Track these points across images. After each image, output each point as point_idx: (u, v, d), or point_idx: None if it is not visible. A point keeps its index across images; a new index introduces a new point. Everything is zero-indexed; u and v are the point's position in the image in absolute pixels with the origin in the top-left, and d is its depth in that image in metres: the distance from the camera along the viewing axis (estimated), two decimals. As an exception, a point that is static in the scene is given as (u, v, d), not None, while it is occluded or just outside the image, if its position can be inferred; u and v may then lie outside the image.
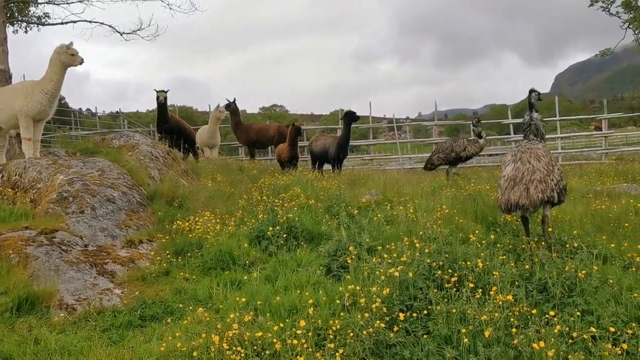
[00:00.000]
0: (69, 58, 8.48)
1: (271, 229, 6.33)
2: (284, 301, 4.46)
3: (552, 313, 3.71)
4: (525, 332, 3.52)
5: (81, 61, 8.58)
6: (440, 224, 6.13)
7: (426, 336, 3.73)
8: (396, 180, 10.60)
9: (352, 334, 3.65)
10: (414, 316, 3.95)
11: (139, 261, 6.19)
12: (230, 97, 16.68)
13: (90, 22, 15.16)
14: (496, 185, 5.80)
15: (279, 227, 6.37)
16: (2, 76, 12.28)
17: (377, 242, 5.58)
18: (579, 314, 3.76)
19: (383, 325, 3.73)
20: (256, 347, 3.67)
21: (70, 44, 8.46)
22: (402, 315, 3.86)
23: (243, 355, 3.55)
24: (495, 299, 3.84)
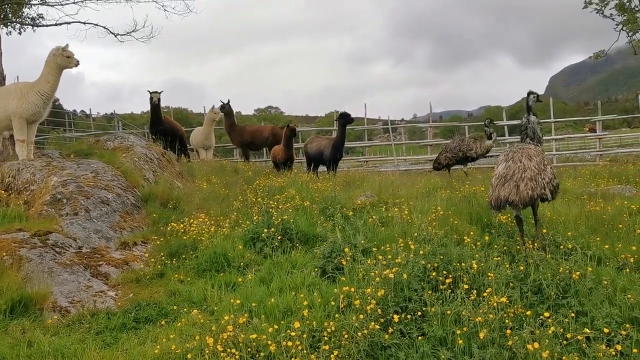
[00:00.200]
0: (65, 60, 8.48)
1: (266, 230, 6.32)
2: (279, 303, 4.45)
3: (547, 314, 3.71)
4: (520, 333, 3.52)
5: (77, 63, 8.59)
6: (435, 225, 6.14)
7: (421, 338, 3.72)
8: (391, 182, 10.60)
9: (346, 336, 3.65)
10: (408, 318, 3.95)
11: (133, 263, 6.17)
12: (225, 99, 16.67)
13: (85, 23, 15.10)
14: (490, 187, 5.82)
15: (273, 229, 6.36)
16: (-4, 78, 12.22)
17: (372, 243, 5.58)
18: (573, 315, 3.77)
19: (378, 326, 3.73)
20: (251, 349, 3.67)
21: (66, 46, 8.46)
22: (396, 317, 3.85)
23: (237, 357, 3.55)
24: (489, 300, 3.84)
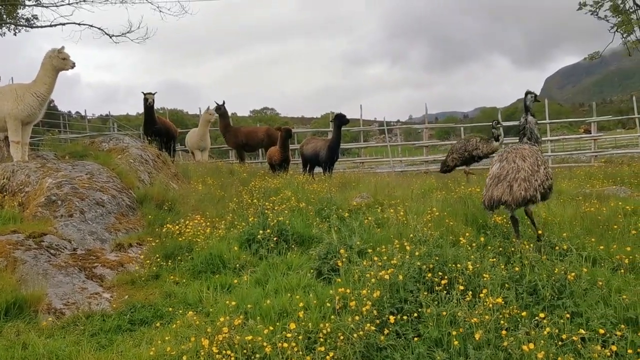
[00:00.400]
0: (61, 62, 8.46)
1: (262, 232, 6.31)
2: (274, 304, 4.45)
3: (542, 315, 3.72)
4: (515, 334, 3.52)
5: (72, 65, 8.57)
6: (430, 226, 6.14)
7: (417, 339, 3.72)
8: (387, 183, 10.61)
9: (342, 337, 3.64)
10: (404, 319, 3.95)
11: (129, 265, 6.15)
12: (220, 100, 16.64)
13: (79, 24, 15.13)
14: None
15: (269, 231, 6.36)
16: (-9, 79, 12.19)
17: (367, 245, 5.58)
18: (568, 316, 3.77)
19: (373, 328, 3.73)
20: (246, 350, 3.66)
21: (61, 48, 8.45)
22: (392, 318, 3.85)
23: (233, 359, 3.54)
24: (485, 301, 3.84)
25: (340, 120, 13.10)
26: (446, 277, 4.41)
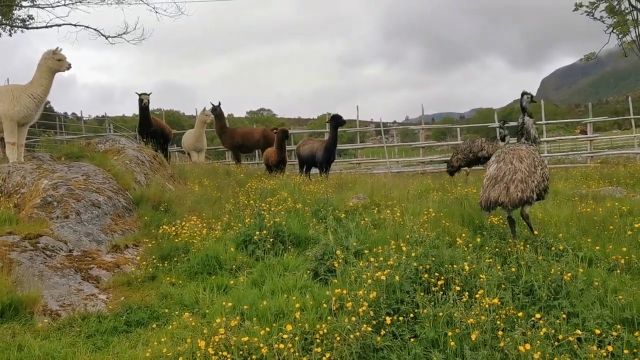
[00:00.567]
0: (56, 63, 8.45)
1: (258, 233, 6.30)
2: (271, 305, 4.44)
3: (538, 316, 3.72)
4: (512, 334, 3.53)
5: (68, 66, 8.55)
6: (427, 227, 6.14)
7: (413, 340, 3.72)
8: (383, 184, 10.62)
9: (339, 338, 3.64)
10: (400, 320, 3.95)
11: (125, 266, 6.14)
12: (216, 101, 16.61)
13: (75, 25, 15.11)
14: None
15: (265, 232, 6.35)
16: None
17: (364, 245, 5.58)
18: (564, 316, 3.78)
19: (370, 329, 3.73)
20: (242, 351, 3.65)
21: (57, 49, 8.43)
22: (389, 319, 3.85)
23: (229, 360, 3.53)
24: (481, 302, 3.84)
25: (336, 121, 13.11)
26: (443, 277, 4.41)
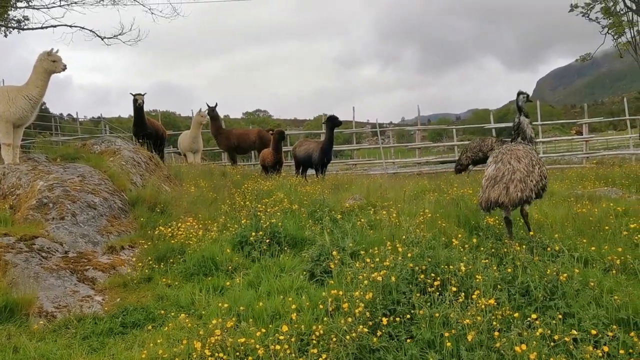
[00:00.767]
0: (52, 65, 8.44)
1: (254, 234, 6.30)
2: (267, 307, 4.43)
3: (534, 316, 3.73)
4: (508, 335, 3.53)
5: (64, 67, 8.55)
6: (423, 228, 6.15)
7: (409, 340, 3.72)
8: (379, 185, 10.62)
9: (335, 339, 3.64)
10: (397, 321, 3.94)
11: (121, 267, 6.13)
12: (212, 102, 16.60)
13: (71, 26, 15.06)
14: (479, 190, 5.87)
15: (262, 233, 6.34)
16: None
17: (360, 246, 5.58)
18: (560, 316, 3.78)
19: (366, 330, 3.72)
20: (239, 353, 3.64)
21: (51, 50, 8.42)
22: (385, 320, 3.85)
23: (225, 361, 3.52)
24: (477, 302, 3.84)
25: (332, 122, 13.13)
26: (439, 278, 4.41)
